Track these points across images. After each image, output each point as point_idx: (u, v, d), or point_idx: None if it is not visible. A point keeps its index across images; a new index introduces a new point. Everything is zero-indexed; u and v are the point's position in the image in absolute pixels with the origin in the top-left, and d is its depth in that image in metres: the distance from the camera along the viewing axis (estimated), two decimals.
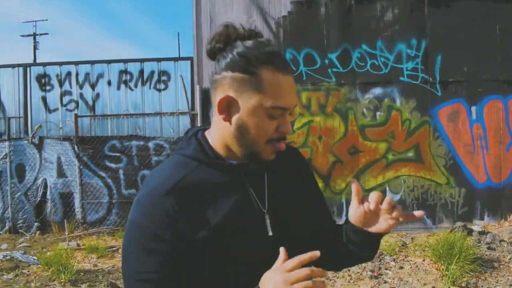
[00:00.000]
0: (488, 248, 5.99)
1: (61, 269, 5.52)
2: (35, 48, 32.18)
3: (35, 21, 33.00)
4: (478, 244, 6.09)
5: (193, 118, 8.31)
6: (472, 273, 5.00)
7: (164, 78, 8.89)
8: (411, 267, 5.48)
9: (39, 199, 8.40)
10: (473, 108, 7.70)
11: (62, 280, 5.36)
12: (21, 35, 33.94)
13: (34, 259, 6.41)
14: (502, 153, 7.68)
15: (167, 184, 1.15)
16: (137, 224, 1.14)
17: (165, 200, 1.12)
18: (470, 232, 6.56)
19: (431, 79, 7.74)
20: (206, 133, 1.27)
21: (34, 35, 32.41)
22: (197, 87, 8.10)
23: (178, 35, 49.98)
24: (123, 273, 1.16)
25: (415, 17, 7.83)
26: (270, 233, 1.20)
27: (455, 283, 4.77)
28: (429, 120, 7.71)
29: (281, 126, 1.16)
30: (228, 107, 1.16)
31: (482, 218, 7.61)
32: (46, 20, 59.16)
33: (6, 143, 8.45)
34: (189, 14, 8.21)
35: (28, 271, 5.96)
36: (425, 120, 7.71)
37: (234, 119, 1.15)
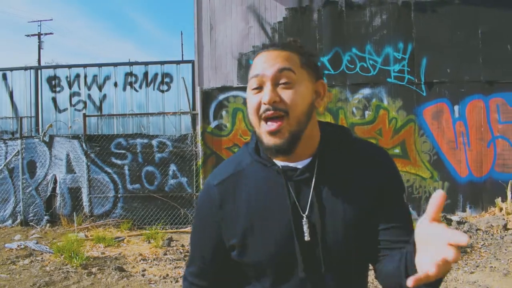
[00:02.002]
0: None
1: (72, 255, 6.03)
2: (39, 47, 32.67)
3: (40, 20, 33.35)
4: None
5: (193, 118, 8.83)
6: None
7: (167, 80, 9.37)
8: None
9: (49, 193, 8.94)
10: (456, 107, 8.20)
11: (74, 265, 5.86)
12: (26, 35, 34.01)
13: (46, 248, 6.92)
14: (483, 149, 8.18)
15: (219, 176, 1.31)
16: (197, 203, 1.41)
17: (214, 190, 1.30)
18: (449, 221, 7.06)
19: (416, 80, 8.25)
20: None
21: (39, 34, 32.75)
22: (197, 89, 8.63)
23: (182, 34, 50.43)
24: None
25: (402, 22, 8.34)
26: (307, 238, 1.19)
27: None
28: (415, 118, 8.22)
29: (262, 97, 1.17)
30: None
31: (464, 210, 8.12)
32: (51, 20, 59.99)
33: (19, 141, 8.99)
34: (191, 15, 8.70)
35: (42, 258, 6.47)
36: (410, 118, 8.22)
37: None
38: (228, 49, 8.58)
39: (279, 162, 1.24)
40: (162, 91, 9.38)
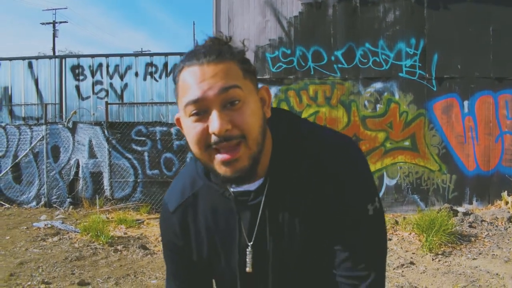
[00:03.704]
0: (470, 226, 6.79)
1: (99, 234, 6.46)
2: (54, 36, 33.11)
3: (55, 9, 33.93)
4: (461, 223, 6.90)
5: None
6: (449, 244, 5.84)
7: None
8: (398, 239, 6.33)
9: (71, 177, 9.38)
10: (466, 103, 8.45)
11: (101, 242, 6.29)
12: (41, 23, 34.39)
13: (72, 227, 7.35)
14: (491, 144, 8.44)
15: (176, 200, 1.23)
16: (160, 227, 1.34)
17: (172, 217, 1.23)
18: (455, 213, 7.35)
19: (427, 75, 8.49)
20: None
21: (54, 23, 33.25)
22: None
23: (194, 24, 50.66)
24: None
25: (414, 18, 8.57)
26: (248, 269, 1.14)
27: (432, 251, 5.61)
28: (425, 112, 8.48)
29: (209, 125, 0.97)
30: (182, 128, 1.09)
31: (470, 203, 8.40)
32: (66, 8, 60.67)
33: (43, 127, 9.43)
34: (204, 6, 8.97)
35: (69, 236, 6.89)
36: (421, 112, 8.49)
37: None
38: (245, 42, 8.86)
39: (231, 189, 1.13)
40: None
